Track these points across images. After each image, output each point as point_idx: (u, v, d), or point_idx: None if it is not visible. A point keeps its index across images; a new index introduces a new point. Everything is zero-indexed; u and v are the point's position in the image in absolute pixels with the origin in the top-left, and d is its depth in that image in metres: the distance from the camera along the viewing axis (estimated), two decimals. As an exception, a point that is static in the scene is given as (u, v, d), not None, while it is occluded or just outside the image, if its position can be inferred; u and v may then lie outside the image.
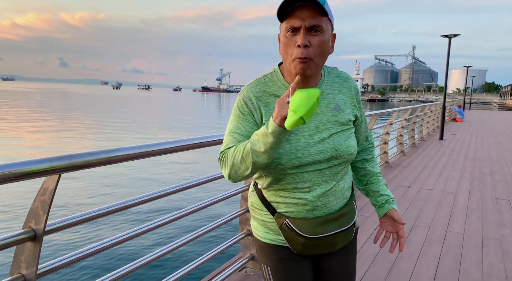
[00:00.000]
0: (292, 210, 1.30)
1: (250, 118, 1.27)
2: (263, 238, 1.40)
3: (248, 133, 1.26)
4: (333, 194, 1.31)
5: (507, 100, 59.54)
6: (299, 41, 1.15)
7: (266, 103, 1.27)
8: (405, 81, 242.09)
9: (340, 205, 1.34)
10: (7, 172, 1.23)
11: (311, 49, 1.17)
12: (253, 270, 2.91)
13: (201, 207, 2.36)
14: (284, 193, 1.30)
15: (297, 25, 1.15)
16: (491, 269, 3.19)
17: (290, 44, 1.18)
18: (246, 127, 1.27)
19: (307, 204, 1.28)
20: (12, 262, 1.44)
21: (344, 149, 1.28)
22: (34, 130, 20.21)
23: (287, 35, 1.18)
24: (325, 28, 1.18)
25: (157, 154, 1.86)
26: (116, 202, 1.75)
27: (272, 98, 1.28)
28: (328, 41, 1.21)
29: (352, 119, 1.35)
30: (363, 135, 1.48)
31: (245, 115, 1.27)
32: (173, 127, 24.82)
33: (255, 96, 1.27)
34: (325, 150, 1.26)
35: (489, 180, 6.67)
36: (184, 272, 2.21)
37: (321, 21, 1.16)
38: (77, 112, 34.89)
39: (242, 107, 1.28)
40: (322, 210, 1.30)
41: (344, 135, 1.30)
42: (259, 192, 1.39)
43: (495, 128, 17.51)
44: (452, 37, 12.17)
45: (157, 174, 11.02)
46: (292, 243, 1.33)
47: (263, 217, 1.38)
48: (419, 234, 3.94)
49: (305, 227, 1.28)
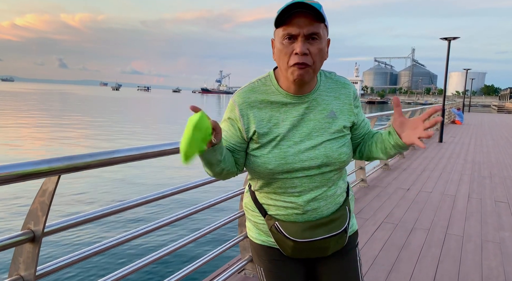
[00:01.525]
0: (282, 212, 1.30)
1: (235, 124, 1.29)
2: (256, 239, 1.41)
3: (229, 138, 1.29)
4: (324, 199, 1.30)
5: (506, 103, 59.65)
6: (297, 49, 1.15)
7: (258, 109, 1.27)
8: (405, 83, 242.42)
9: (331, 210, 1.32)
10: (6, 173, 1.23)
11: (309, 57, 1.17)
12: (252, 272, 2.90)
13: (200, 208, 2.36)
14: (274, 196, 1.31)
15: (295, 33, 1.15)
16: (491, 272, 3.18)
17: (286, 51, 1.17)
18: (229, 132, 1.30)
19: (297, 207, 1.28)
20: (11, 264, 1.44)
21: (336, 156, 1.27)
22: (34, 132, 20.19)
23: (284, 42, 1.17)
24: (322, 35, 1.18)
25: (156, 155, 1.86)
26: (115, 204, 1.74)
27: (264, 104, 1.27)
28: (325, 48, 1.22)
29: (348, 125, 1.33)
30: (362, 137, 1.44)
31: (231, 120, 1.30)
32: (172, 129, 24.82)
33: (245, 103, 1.27)
34: (315, 157, 1.25)
35: (488, 182, 6.67)
36: (183, 274, 2.20)
37: (319, 28, 1.16)
38: (77, 113, 34.89)
39: (230, 112, 1.30)
40: (312, 214, 1.29)
41: (337, 143, 1.28)
42: (252, 193, 1.40)
43: (494, 131, 17.53)
44: (452, 40, 12.20)
45: (156, 176, 11.01)
46: (281, 246, 1.33)
47: (255, 218, 1.39)
48: (419, 237, 3.94)
49: (294, 231, 1.28)
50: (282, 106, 1.27)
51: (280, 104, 1.27)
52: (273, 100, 1.27)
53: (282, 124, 1.26)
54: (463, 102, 34.55)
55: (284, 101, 1.27)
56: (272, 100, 1.27)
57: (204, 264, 2.39)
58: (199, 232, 2.40)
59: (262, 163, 1.25)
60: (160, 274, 5.03)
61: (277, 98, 1.27)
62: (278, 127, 1.26)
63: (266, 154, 1.25)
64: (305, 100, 1.27)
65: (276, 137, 1.25)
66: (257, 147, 1.27)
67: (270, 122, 1.26)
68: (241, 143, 1.30)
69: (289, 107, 1.27)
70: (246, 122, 1.27)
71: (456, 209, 4.98)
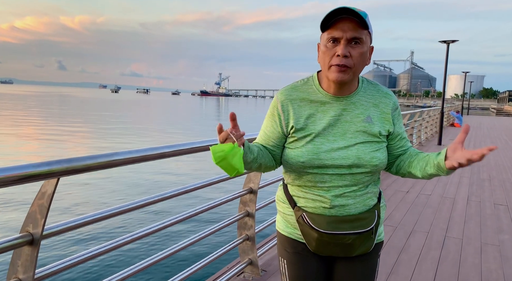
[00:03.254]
0: (310, 205, 1.35)
1: (276, 120, 1.37)
2: (283, 231, 1.47)
3: (270, 134, 1.38)
4: (353, 197, 1.33)
5: (505, 106, 59.77)
6: (339, 51, 1.22)
7: (298, 106, 1.35)
8: (404, 86, 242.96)
9: (359, 210, 1.35)
10: (5, 175, 1.23)
11: (350, 59, 1.23)
12: (251, 275, 2.90)
13: (200, 211, 2.36)
14: (305, 188, 1.37)
15: (339, 36, 1.22)
16: (490, 275, 3.18)
17: (329, 53, 1.25)
18: (270, 128, 1.39)
19: (325, 201, 1.33)
20: (9, 267, 1.43)
21: (368, 159, 1.30)
22: (33, 134, 20.17)
23: (328, 45, 1.25)
24: (365, 41, 1.24)
25: (155, 158, 1.86)
26: (114, 206, 1.74)
27: (304, 101, 1.35)
28: (366, 53, 1.27)
29: (384, 133, 1.35)
30: (400, 150, 1.43)
31: (273, 116, 1.38)
32: (172, 131, 24.82)
33: (288, 99, 1.35)
34: (347, 157, 1.30)
35: (487, 185, 6.67)
36: (182, 276, 2.20)
37: (362, 33, 1.23)
38: (76, 116, 34.86)
39: (273, 108, 1.39)
40: (339, 210, 1.33)
41: (371, 147, 1.32)
42: (285, 186, 1.46)
43: (493, 133, 17.56)
44: (450, 42, 12.23)
45: (155, 178, 10.99)
46: (306, 238, 1.37)
47: (284, 210, 1.45)
48: (418, 239, 3.93)
49: (319, 222, 1.32)
50: (321, 105, 1.34)
51: (319, 103, 1.34)
52: (313, 99, 1.34)
53: (319, 122, 1.33)
54: (462, 105, 34.63)
55: (323, 101, 1.34)
56: (312, 99, 1.34)
57: (203, 267, 2.39)
58: (199, 235, 2.39)
59: (295, 156, 1.32)
60: (159, 277, 5.02)
61: (316, 98, 1.34)
62: (315, 124, 1.33)
63: (299, 147, 1.32)
64: (343, 102, 1.33)
65: (312, 133, 1.32)
66: (293, 141, 1.35)
67: (308, 119, 1.33)
68: (280, 138, 1.38)
69: (327, 107, 1.33)
70: (286, 117, 1.35)
71: (455, 212, 4.98)
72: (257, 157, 1.31)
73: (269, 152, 1.40)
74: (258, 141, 1.43)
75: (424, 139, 13.06)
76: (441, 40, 12.42)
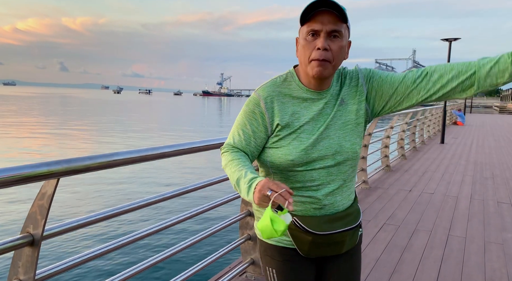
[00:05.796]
0: (299, 208, 1.32)
1: (258, 119, 1.31)
2: (268, 240, 1.41)
3: (252, 133, 1.31)
4: (340, 193, 1.34)
5: (508, 104, 59.52)
6: (319, 44, 1.20)
7: (281, 103, 1.31)
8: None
9: (346, 206, 1.37)
10: (5, 176, 1.23)
11: (330, 53, 1.21)
12: (253, 274, 2.89)
13: (201, 211, 2.35)
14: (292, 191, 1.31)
15: (318, 29, 1.20)
16: (494, 273, 3.16)
17: (309, 46, 1.22)
18: (251, 127, 1.31)
19: (315, 202, 1.31)
20: (10, 268, 1.43)
21: (349, 146, 1.31)
22: (34, 135, 20.22)
23: (307, 38, 1.23)
24: (344, 34, 1.23)
25: (156, 158, 1.86)
26: (115, 207, 1.74)
27: (287, 98, 1.32)
28: (345, 47, 1.26)
29: (362, 109, 1.33)
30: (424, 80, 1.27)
31: (255, 114, 1.31)
32: (172, 131, 24.83)
33: (270, 96, 1.31)
34: (330, 146, 1.29)
35: (490, 183, 6.64)
36: (184, 277, 2.19)
37: (341, 27, 1.21)
38: (78, 116, 34.94)
39: (254, 106, 1.32)
40: (329, 209, 1.33)
41: (349, 133, 1.32)
42: None
43: (496, 132, 17.49)
44: (453, 41, 12.19)
45: (156, 178, 10.99)
46: (299, 243, 1.34)
47: None
48: (421, 238, 3.92)
49: (313, 224, 1.30)
50: (303, 102, 1.32)
51: (301, 100, 1.32)
52: (295, 95, 1.32)
53: (302, 119, 1.31)
54: (464, 103, 34.51)
55: (304, 97, 1.32)
56: (294, 95, 1.32)
57: (205, 267, 2.38)
58: (200, 235, 2.38)
59: (283, 155, 1.29)
60: (160, 278, 5.02)
61: (298, 94, 1.32)
62: (299, 121, 1.31)
63: (286, 145, 1.29)
64: (324, 96, 1.32)
65: (296, 130, 1.30)
66: (277, 140, 1.31)
67: (292, 116, 1.31)
68: (262, 139, 1.32)
69: (309, 103, 1.32)
70: (271, 115, 1.30)
71: (458, 210, 4.96)
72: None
73: (248, 156, 1.31)
74: (233, 143, 1.32)
75: (427, 138, 13.02)
76: (443, 38, 12.38)
